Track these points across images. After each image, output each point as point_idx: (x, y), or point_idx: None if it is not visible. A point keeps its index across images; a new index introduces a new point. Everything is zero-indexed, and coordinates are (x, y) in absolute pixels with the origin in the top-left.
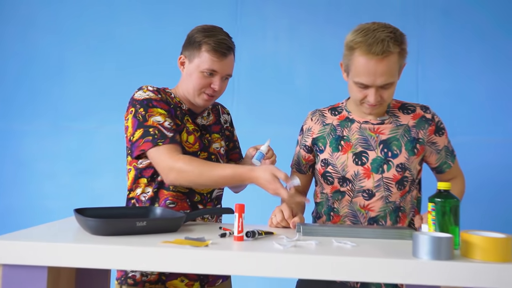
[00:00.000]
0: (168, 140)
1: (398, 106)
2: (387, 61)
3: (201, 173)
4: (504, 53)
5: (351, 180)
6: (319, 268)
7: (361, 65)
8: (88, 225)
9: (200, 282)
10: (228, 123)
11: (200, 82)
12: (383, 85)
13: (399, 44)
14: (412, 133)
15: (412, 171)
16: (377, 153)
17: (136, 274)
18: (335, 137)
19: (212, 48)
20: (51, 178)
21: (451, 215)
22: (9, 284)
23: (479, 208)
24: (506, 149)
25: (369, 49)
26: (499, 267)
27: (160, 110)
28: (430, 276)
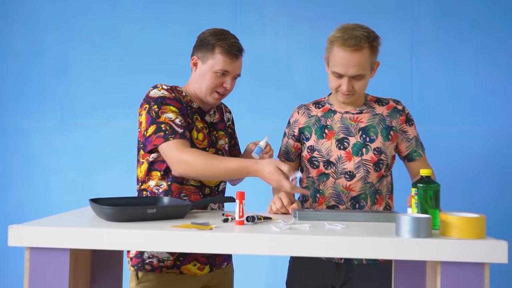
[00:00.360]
0: (178, 135)
1: (374, 100)
2: (359, 54)
3: (208, 165)
4: (497, 45)
5: (335, 163)
6: (311, 246)
7: (337, 56)
8: (104, 212)
9: (210, 265)
10: (230, 121)
11: (213, 81)
12: (354, 75)
13: (370, 42)
14: (387, 122)
15: (387, 155)
16: (356, 138)
17: (154, 261)
18: (319, 126)
19: (225, 50)
20: (57, 173)
21: (432, 199)
22: (35, 265)
23: (474, 195)
24: (498, 138)
25: (344, 42)
26: (473, 242)
27: (173, 107)
28: (410, 252)
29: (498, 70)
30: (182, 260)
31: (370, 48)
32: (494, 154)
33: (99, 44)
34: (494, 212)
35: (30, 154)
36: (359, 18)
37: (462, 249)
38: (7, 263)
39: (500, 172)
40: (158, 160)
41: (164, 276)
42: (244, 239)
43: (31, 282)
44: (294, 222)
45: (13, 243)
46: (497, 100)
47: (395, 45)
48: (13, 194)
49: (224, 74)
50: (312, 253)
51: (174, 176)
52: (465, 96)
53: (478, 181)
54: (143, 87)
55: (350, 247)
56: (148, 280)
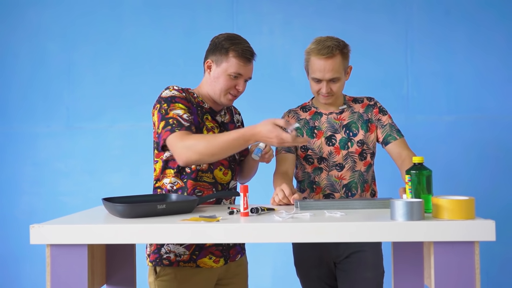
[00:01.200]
0: (184, 128)
1: (351, 100)
2: (332, 60)
3: (208, 142)
4: (490, 34)
5: (326, 158)
6: (312, 232)
7: (314, 64)
8: (116, 210)
9: (224, 258)
10: (240, 123)
11: (227, 84)
12: (331, 79)
13: (340, 49)
14: (364, 117)
15: (369, 145)
16: (342, 134)
17: (171, 256)
18: (309, 128)
19: (239, 54)
20: (66, 176)
21: (425, 184)
22: (56, 262)
23: (469, 182)
24: (492, 127)
25: (318, 52)
26: (463, 223)
27: (181, 105)
28: (405, 234)
29: (491, 59)
30: (198, 254)
31: (341, 54)
32: (488, 142)
33: (100, 48)
34: (487, 196)
35: (39, 158)
36: (353, 13)
37: (453, 229)
38: (23, 263)
39: (493, 159)
40: (171, 159)
41: (181, 270)
42: (249, 228)
43: (53, 277)
44: (296, 211)
45: (35, 241)
46: (491, 89)
47: (389, 37)
48: (23, 198)
49: (237, 77)
50: (314, 239)
51: (188, 173)
52: (459, 85)
53: (472, 168)
54: (145, 89)
55: (349, 232)
56: (166, 274)
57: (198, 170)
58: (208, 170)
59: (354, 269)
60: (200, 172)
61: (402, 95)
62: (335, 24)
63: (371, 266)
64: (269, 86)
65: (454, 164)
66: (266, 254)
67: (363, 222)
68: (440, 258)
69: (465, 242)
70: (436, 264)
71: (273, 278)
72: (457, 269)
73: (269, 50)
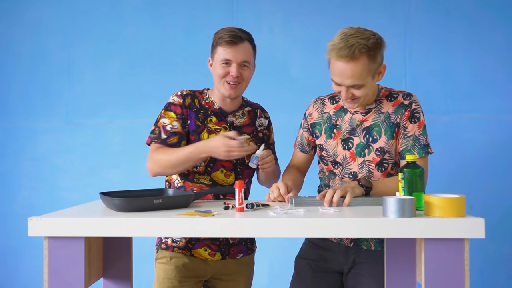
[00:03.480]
0: (159, 141)
1: (386, 95)
2: (353, 64)
3: (169, 156)
4: (488, 34)
5: (341, 163)
6: (304, 227)
7: (333, 65)
8: (113, 203)
9: (221, 253)
10: (264, 127)
11: (220, 72)
12: (350, 85)
13: (367, 50)
14: (392, 119)
15: (393, 153)
16: (360, 139)
17: (168, 240)
18: (329, 125)
19: (223, 40)
20: (64, 171)
21: (417, 182)
22: (53, 254)
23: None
24: (489, 126)
25: (338, 52)
26: (453, 220)
27: (172, 113)
28: (396, 230)
29: (489, 59)
30: (193, 243)
31: (368, 56)
32: (485, 142)
33: (100, 46)
34: (484, 195)
35: (38, 154)
36: (352, 12)
37: (443, 226)
38: (21, 257)
39: (490, 158)
40: None
41: (176, 255)
42: (244, 223)
43: (51, 269)
44: (290, 207)
45: (33, 233)
46: (489, 88)
47: (388, 36)
48: (22, 193)
49: (228, 63)
50: (306, 234)
51: (186, 175)
52: (457, 85)
53: (469, 167)
54: (145, 86)
55: (341, 227)
56: (163, 256)
57: (195, 172)
58: (205, 172)
59: (363, 281)
60: (196, 174)
61: None
62: (334, 23)
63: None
64: (268, 85)
65: (451, 164)
66: (262, 252)
67: (356, 218)
68: (431, 255)
69: (456, 239)
70: (426, 260)
71: (269, 275)
72: (447, 266)
73: (268, 49)
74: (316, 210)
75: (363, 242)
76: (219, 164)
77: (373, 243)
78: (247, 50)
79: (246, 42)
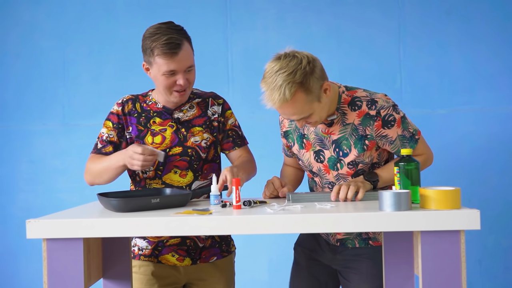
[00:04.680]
0: (95, 150)
1: (348, 101)
2: (290, 105)
3: (96, 165)
4: (482, 27)
5: (317, 173)
6: (302, 223)
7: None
8: (111, 204)
9: (191, 258)
10: (217, 114)
11: (166, 83)
12: (300, 119)
13: (298, 87)
14: (360, 131)
15: (367, 162)
16: (331, 152)
17: (135, 249)
18: (299, 135)
19: (162, 52)
20: (62, 173)
21: (412, 176)
22: (52, 256)
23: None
24: (485, 119)
25: (271, 98)
26: (449, 213)
27: (109, 123)
28: (393, 224)
29: (483, 51)
30: (160, 250)
31: (301, 92)
32: (480, 135)
33: (95, 47)
34: (480, 187)
35: (35, 156)
36: (346, 8)
37: (439, 219)
38: (19, 260)
39: (486, 151)
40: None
41: (143, 264)
42: (241, 220)
43: (50, 271)
44: (287, 204)
45: (31, 235)
46: (484, 81)
47: (382, 32)
48: (20, 196)
49: (173, 73)
50: (304, 230)
51: (138, 181)
52: (452, 79)
53: (464, 160)
54: (140, 87)
55: (339, 222)
56: (134, 265)
57: (146, 177)
58: (156, 176)
59: (351, 279)
60: (148, 180)
61: (396, 89)
62: (328, 19)
63: (370, 277)
64: None
65: (448, 157)
66: (262, 248)
67: (353, 213)
68: (427, 247)
69: (451, 231)
70: (423, 253)
71: (269, 271)
72: (444, 257)
73: (263, 46)
74: (313, 205)
75: (348, 241)
76: (171, 165)
77: (357, 241)
78: (188, 54)
79: (185, 44)
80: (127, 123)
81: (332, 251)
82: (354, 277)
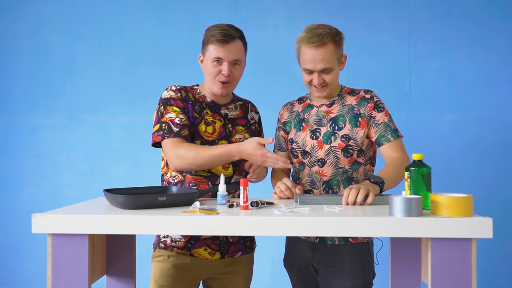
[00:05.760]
0: (173, 134)
1: (348, 92)
2: (323, 49)
3: (197, 154)
4: (492, 32)
5: (309, 152)
6: (310, 226)
7: (304, 54)
8: (118, 201)
9: (220, 252)
10: (255, 121)
11: (212, 71)
12: (322, 69)
13: (332, 37)
14: (355, 110)
15: (357, 140)
16: (327, 128)
17: (167, 240)
18: (298, 120)
19: (214, 38)
20: (67, 168)
21: (423, 181)
22: (57, 251)
23: (469, 181)
24: (493, 124)
25: (309, 40)
26: (460, 220)
27: (175, 108)
28: (403, 229)
29: (493, 57)
30: (193, 243)
31: (333, 42)
32: (489, 141)
33: (103, 42)
34: (487, 194)
35: (41, 150)
36: (357, 11)
37: (451, 226)
38: (23, 254)
39: (494, 157)
40: None
41: (174, 254)
42: (249, 221)
43: (54, 266)
44: (295, 206)
45: (37, 230)
46: (493, 87)
47: (392, 35)
48: (25, 189)
49: (219, 62)
50: (312, 233)
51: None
52: (461, 84)
53: (473, 166)
54: (148, 83)
55: (347, 226)
56: (161, 255)
57: None
58: None
59: (331, 276)
60: None
61: (405, 93)
62: (339, 21)
63: (349, 274)
64: (273, 81)
65: (455, 162)
66: (265, 249)
67: (362, 217)
68: (438, 254)
69: (463, 239)
70: (433, 260)
71: (271, 273)
72: (454, 265)
73: (272, 45)
74: (321, 208)
75: (328, 237)
76: None
77: (336, 238)
78: (238, 48)
79: (238, 40)
80: (187, 108)
81: (311, 248)
82: (334, 276)
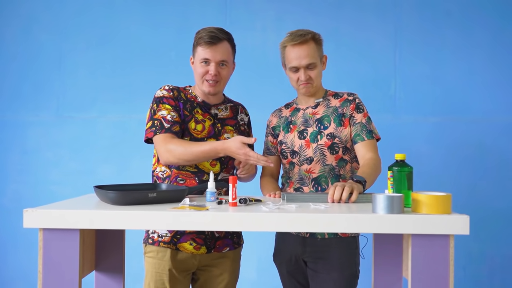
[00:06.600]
0: (164, 130)
1: (332, 94)
2: (306, 46)
3: (185, 149)
4: (476, 35)
5: (298, 151)
6: (296, 222)
7: (289, 53)
8: (108, 196)
9: (206, 247)
10: (244, 122)
11: (200, 71)
12: (307, 65)
13: (312, 36)
14: (339, 111)
15: (342, 138)
16: (313, 128)
17: (154, 235)
18: (286, 123)
19: (202, 41)
20: (55, 165)
21: (405, 180)
22: (48, 245)
23: (449, 181)
24: (478, 127)
25: (292, 40)
26: (439, 217)
27: (167, 106)
28: (385, 226)
29: (477, 61)
30: (179, 238)
31: (314, 41)
32: (470, 143)
33: (92, 40)
34: (467, 194)
35: (28, 147)
36: (344, 12)
37: (430, 223)
38: (9, 250)
39: (474, 159)
40: None
41: (162, 250)
42: (237, 217)
43: (45, 261)
44: (282, 203)
45: (28, 224)
46: (477, 91)
47: (378, 37)
48: (11, 186)
49: (207, 63)
50: (298, 229)
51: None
52: (445, 87)
53: (454, 168)
54: (136, 82)
55: (332, 223)
56: (151, 251)
57: None
58: None
59: (320, 269)
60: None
61: (390, 95)
62: (326, 22)
63: (338, 266)
64: (261, 83)
65: (437, 164)
66: (251, 247)
67: (346, 214)
68: (417, 250)
69: (441, 235)
70: (413, 255)
71: (257, 270)
72: (433, 261)
73: (260, 47)
74: (307, 205)
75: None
76: None
77: (326, 232)
78: (225, 50)
79: (225, 42)
80: (178, 106)
81: (301, 243)
82: (323, 267)
